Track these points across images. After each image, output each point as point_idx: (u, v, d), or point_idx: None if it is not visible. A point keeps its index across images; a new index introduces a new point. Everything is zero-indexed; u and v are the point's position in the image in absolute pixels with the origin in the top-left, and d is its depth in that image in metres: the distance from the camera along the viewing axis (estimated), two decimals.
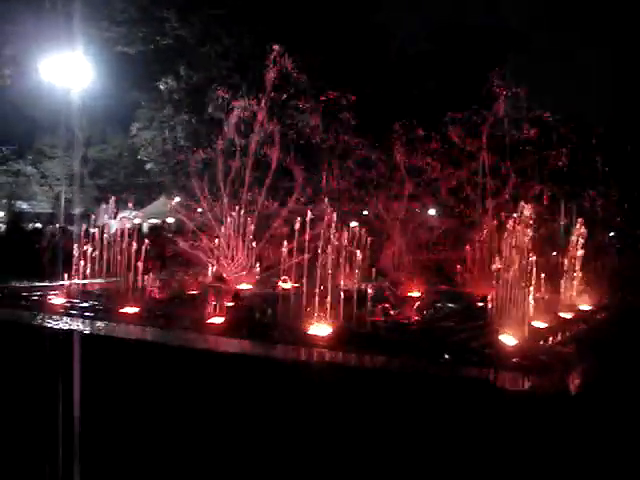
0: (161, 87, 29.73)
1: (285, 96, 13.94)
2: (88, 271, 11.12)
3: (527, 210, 8.28)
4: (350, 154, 15.40)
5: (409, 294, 11.25)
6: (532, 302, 8.52)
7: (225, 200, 13.23)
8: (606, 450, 4.06)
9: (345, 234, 9.62)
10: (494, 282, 8.17)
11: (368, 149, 15.54)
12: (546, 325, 8.49)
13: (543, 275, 9.00)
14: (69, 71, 24.79)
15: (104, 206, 15.74)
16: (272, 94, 13.28)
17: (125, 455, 4.86)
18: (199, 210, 14.38)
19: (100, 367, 5.59)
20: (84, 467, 4.50)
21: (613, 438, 4.12)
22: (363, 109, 16.86)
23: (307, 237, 9.61)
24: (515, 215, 8.36)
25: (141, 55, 29.56)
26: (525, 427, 4.25)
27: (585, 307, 10.52)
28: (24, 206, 34.75)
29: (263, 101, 13.16)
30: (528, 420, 4.29)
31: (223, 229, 12.76)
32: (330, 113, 15.44)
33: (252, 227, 12.71)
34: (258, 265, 12.56)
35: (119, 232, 11.94)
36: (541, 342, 7.25)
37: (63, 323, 7.99)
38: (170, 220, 23.11)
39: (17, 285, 11.30)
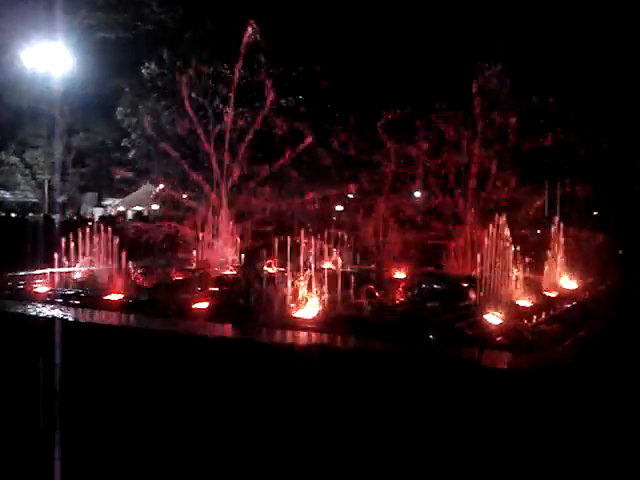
0: (144, 73, 29.29)
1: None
2: (72, 259, 11.02)
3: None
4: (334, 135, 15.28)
5: (395, 276, 11.27)
6: (517, 281, 8.58)
7: (208, 186, 13.15)
8: (589, 424, 4.09)
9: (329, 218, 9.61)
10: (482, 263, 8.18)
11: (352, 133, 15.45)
12: (531, 304, 8.54)
13: (528, 254, 9.04)
14: (51, 59, 24.51)
15: (88, 194, 15.59)
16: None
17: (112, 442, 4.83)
18: (184, 196, 14.29)
19: (83, 354, 5.55)
20: (65, 455, 4.47)
21: (595, 413, 4.15)
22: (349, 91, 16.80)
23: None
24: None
25: (123, 41, 29.15)
26: (509, 404, 4.26)
27: (570, 286, 10.58)
28: (7, 195, 34.39)
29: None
30: (512, 397, 4.31)
31: (207, 215, 12.69)
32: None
33: (236, 212, 12.67)
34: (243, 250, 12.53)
35: (103, 220, 11.85)
36: (526, 321, 7.27)
37: (47, 310, 7.93)
38: (155, 207, 22.97)
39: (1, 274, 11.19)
